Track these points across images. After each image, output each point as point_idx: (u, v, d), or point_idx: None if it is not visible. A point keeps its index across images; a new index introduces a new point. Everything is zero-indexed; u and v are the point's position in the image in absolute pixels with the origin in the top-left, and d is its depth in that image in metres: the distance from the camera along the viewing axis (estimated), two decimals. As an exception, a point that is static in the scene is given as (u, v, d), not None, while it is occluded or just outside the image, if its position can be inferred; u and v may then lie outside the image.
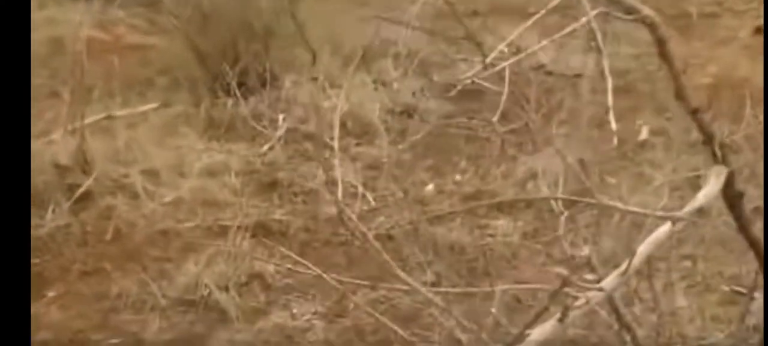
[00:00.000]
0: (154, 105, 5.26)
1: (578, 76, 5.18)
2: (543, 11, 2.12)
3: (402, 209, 4.14)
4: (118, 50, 5.81)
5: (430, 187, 4.56)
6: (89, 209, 4.36)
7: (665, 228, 2.22)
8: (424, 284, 2.90)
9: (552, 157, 4.01)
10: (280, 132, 5.03)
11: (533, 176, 4.39)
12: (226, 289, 3.80)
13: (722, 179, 2.41)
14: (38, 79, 4.95)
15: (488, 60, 2.11)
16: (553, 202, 2.63)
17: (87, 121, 4.63)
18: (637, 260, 2.13)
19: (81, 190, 4.39)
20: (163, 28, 6.12)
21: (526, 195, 4.32)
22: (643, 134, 4.89)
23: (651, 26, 2.30)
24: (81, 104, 4.58)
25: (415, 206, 4.20)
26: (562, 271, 1.96)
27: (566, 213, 2.62)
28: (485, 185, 4.57)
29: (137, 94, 5.33)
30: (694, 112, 2.42)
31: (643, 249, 2.20)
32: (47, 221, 4.20)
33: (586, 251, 2.25)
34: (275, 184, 4.60)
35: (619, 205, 2.45)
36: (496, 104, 5.16)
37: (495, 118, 2.23)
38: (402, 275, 2.03)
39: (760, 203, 2.65)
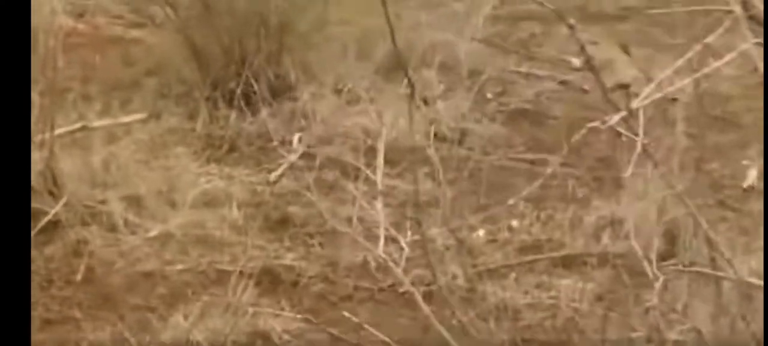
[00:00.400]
0: (139, 115, 5.26)
1: (673, 100, 5.14)
2: (698, 46, 2.08)
3: (445, 260, 4.10)
4: (98, 45, 5.83)
5: (480, 233, 4.54)
6: (56, 241, 4.36)
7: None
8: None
9: (636, 201, 3.98)
10: (295, 155, 5.03)
11: (610, 224, 4.35)
12: (222, 348, 3.79)
13: None
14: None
15: (634, 105, 2.06)
16: (645, 262, 2.59)
17: (58, 131, 4.64)
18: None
19: (47, 218, 4.38)
20: (153, 18, 6.14)
21: (602, 248, 4.26)
22: (750, 179, 4.84)
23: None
24: (51, 110, 4.59)
25: (460, 256, 4.17)
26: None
27: (662, 278, 2.58)
28: (548, 233, 4.54)
29: (119, 100, 5.33)
30: None
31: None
32: (4, 255, 4.20)
33: None
34: (286, 220, 4.59)
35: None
36: (561, 129, 5.17)
37: (628, 173, 2.17)
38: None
39: None
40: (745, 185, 4.81)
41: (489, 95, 5.64)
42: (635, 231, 3.71)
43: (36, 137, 4.52)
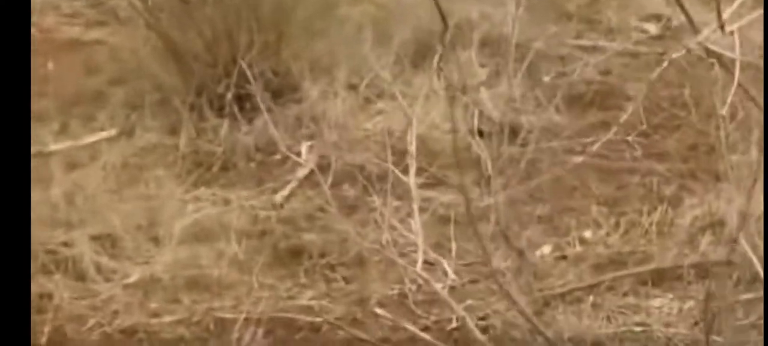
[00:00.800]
0: (107, 133, 5.30)
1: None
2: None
3: (502, 286, 4.09)
4: (49, 51, 5.85)
5: (546, 249, 4.54)
6: (12, 297, 4.37)
7: None
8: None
9: (740, 194, 3.94)
10: (305, 170, 5.03)
11: (710, 225, 4.33)
12: (228, 417, 3.81)
13: None
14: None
15: (727, 15, 2.04)
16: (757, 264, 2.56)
17: (6, 160, 4.66)
18: None
19: None
20: (116, 12, 6.16)
21: (700, 257, 4.24)
22: None
23: None
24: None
25: (522, 278, 4.16)
26: None
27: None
28: (631, 244, 4.53)
29: (81, 117, 5.37)
30: None
31: None
32: (-51, 317, 4.22)
33: None
34: (300, 251, 4.59)
35: None
36: (637, 113, 5.15)
37: (724, 110, 2.14)
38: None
39: None
40: None
41: (544, 77, 5.62)
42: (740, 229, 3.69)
43: (-22, 170, 4.55)
